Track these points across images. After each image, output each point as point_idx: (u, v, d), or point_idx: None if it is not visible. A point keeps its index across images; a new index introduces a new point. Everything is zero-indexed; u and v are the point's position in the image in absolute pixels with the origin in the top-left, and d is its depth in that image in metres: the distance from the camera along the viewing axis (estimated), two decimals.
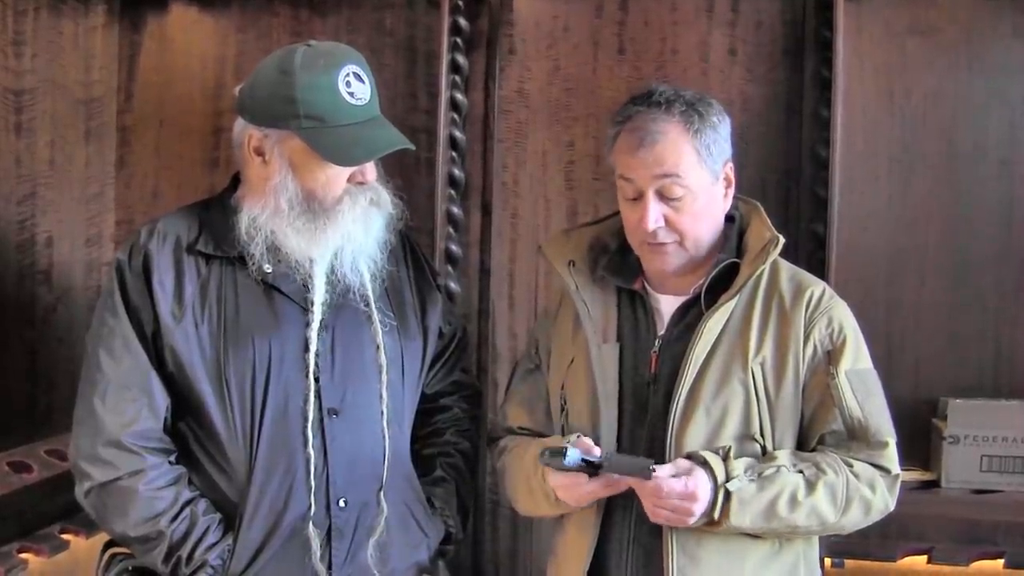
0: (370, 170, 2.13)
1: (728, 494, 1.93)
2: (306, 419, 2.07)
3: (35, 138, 2.99)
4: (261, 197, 2.10)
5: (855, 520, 2.03)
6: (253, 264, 2.09)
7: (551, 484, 2.04)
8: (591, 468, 1.96)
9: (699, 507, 1.93)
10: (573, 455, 1.93)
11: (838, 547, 2.66)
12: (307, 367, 2.09)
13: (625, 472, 1.94)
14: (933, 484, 2.80)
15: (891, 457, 2.06)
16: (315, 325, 2.10)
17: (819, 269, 2.75)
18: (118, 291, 2.09)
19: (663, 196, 2.02)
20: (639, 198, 2.04)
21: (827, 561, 2.66)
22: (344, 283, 2.13)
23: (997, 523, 2.71)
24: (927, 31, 2.95)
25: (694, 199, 2.04)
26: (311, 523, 2.06)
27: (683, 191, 2.02)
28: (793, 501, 1.96)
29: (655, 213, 2.02)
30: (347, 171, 2.10)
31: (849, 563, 2.74)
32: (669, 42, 3.07)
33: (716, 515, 1.94)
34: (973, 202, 2.94)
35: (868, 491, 2.01)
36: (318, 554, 2.06)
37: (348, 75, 2.06)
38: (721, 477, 1.94)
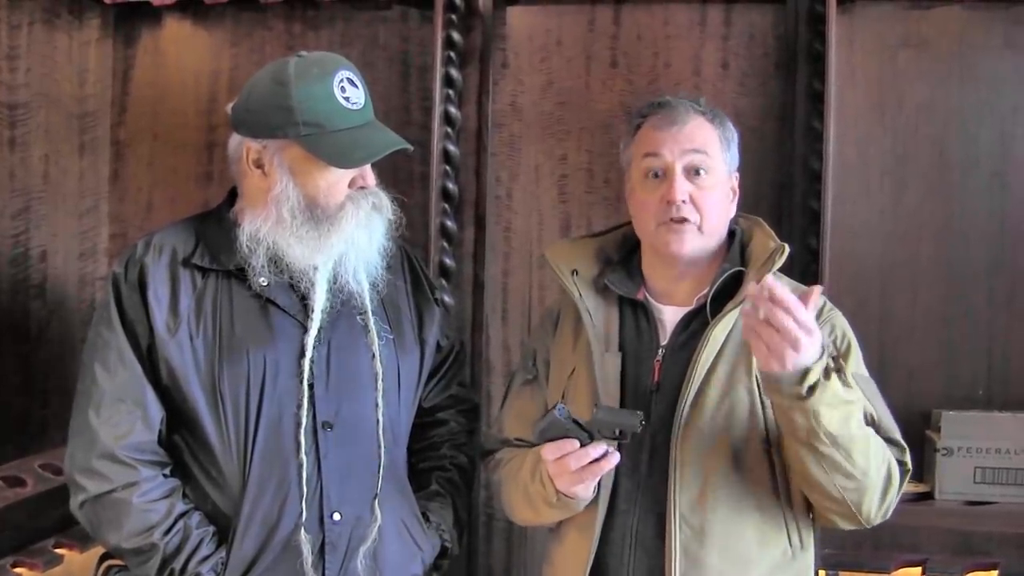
0: (370, 174, 2.14)
1: (829, 372, 1.84)
2: (299, 426, 2.07)
3: (29, 152, 2.98)
4: (262, 209, 2.10)
5: (880, 485, 1.97)
6: (253, 276, 2.09)
7: (543, 456, 1.98)
8: (582, 432, 1.95)
9: (811, 346, 1.81)
10: (562, 409, 1.94)
11: (832, 559, 2.66)
12: (301, 373, 2.08)
13: (616, 423, 1.93)
14: (927, 496, 2.80)
15: (907, 456, 2.07)
16: (313, 331, 2.10)
17: (812, 281, 2.73)
18: (114, 304, 2.09)
19: (689, 174, 2.08)
20: (663, 176, 2.08)
21: (822, 573, 2.65)
22: (345, 291, 2.13)
23: (991, 534, 2.71)
24: (919, 43, 2.96)
25: (715, 182, 2.09)
26: (303, 536, 2.05)
27: (708, 170, 2.08)
28: (862, 424, 1.94)
29: (683, 185, 2.07)
30: (348, 176, 2.10)
31: (844, 575, 2.74)
32: (662, 56, 3.09)
33: (812, 381, 1.82)
34: (965, 214, 2.95)
35: (895, 466, 2.01)
36: (310, 566, 2.05)
37: (342, 80, 2.07)
38: (828, 354, 1.86)
